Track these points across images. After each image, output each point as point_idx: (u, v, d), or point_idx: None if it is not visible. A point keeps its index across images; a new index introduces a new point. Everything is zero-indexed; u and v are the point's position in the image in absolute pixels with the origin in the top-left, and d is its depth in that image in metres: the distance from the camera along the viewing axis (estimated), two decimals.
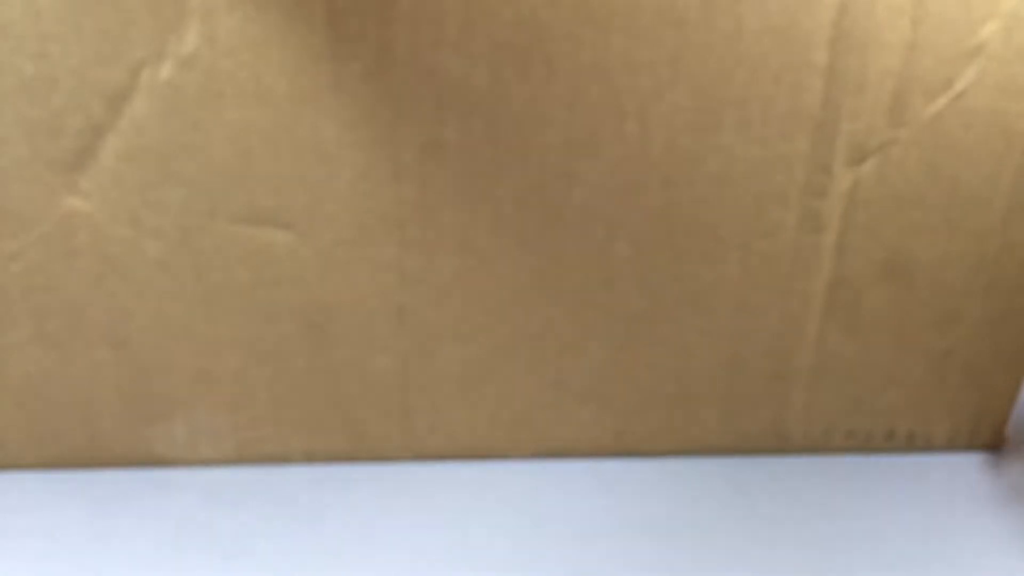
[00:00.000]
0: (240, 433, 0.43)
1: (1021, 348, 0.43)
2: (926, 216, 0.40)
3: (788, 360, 0.43)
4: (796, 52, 0.36)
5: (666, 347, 0.42)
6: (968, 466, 0.45)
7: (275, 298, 0.40)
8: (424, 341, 0.41)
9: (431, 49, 0.36)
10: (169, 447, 0.43)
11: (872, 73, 0.37)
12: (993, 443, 0.45)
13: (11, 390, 0.41)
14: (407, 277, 0.40)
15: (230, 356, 0.41)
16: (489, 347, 0.42)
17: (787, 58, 0.36)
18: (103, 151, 0.37)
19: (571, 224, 0.39)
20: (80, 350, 0.41)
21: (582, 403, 0.43)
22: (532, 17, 0.35)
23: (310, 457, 0.44)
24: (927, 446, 0.45)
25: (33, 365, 0.41)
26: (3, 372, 0.41)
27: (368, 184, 0.38)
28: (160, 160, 0.37)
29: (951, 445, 0.45)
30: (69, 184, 0.37)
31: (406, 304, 0.41)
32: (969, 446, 0.45)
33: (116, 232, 0.38)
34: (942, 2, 0.36)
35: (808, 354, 0.42)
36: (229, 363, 0.41)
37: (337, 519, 0.41)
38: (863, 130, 0.38)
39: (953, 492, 0.43)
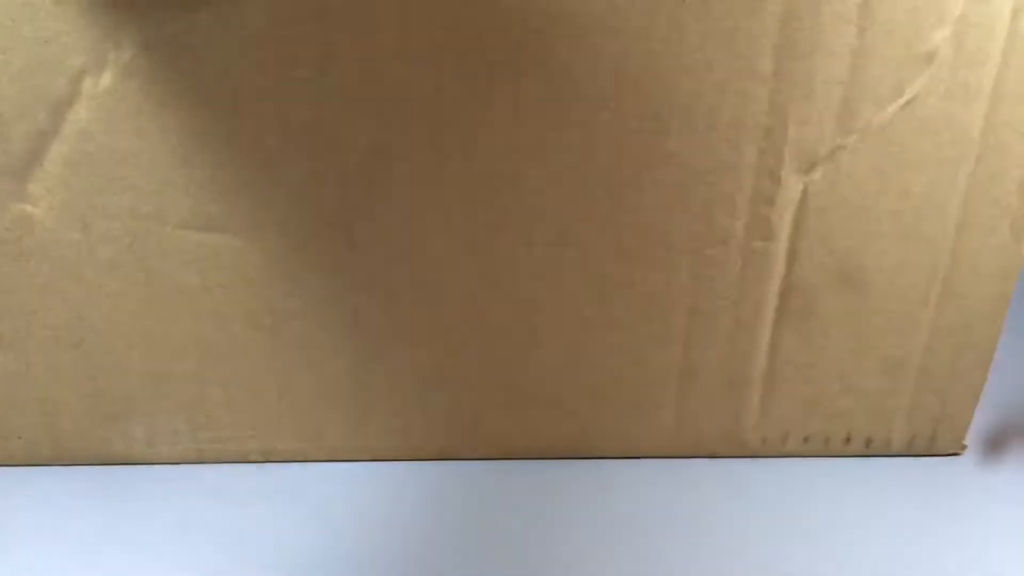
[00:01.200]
0: (198, 433, 0.44)
1: (978, 355, 0.42)
2: (879, 224, 0.39)
3: (743, 366, 0.42)
4: (740, 59, 0.36)
5: (620, 353, 0.42)
6: (927, 471, 0.44)
7: (225, 301, 0.40)
8: (378, 344, 0.42)
9: (373, 54, 0.35)
10: (128, 447, 0.44)
11: (819, 80, 0.36)
12: (952, 449, 0.45)
13: None
14: (359, 281, 0.40)
15: (184, 358, 0.41)
16: (442, 350, 0.42)
17: (731, 65, 0.36)
18: (49, 158, 0.37)
19: (520, 229, 0.39)
20: (37, 351, 0.41)
21: (536, 406, 0.43)
22: (470, 23, 0.35)
23: (267, 458, 0.44)
24: (886, 451, 0.45)
25: None
26: None
27: (315, 189, 0.38)
28: (106, 166, 0.37)
29: (910, 450, 0.45)
30: (18, 190, 0.38)
31: (360, 307, 0.41)
32: (928, 451, 0.45)
33: (66, 236, 0.39)
34: (889, 9, 0.35)
35: (763, 360, 0.42)
36: (183, 365, 0.42)
37: (295, 520, 0.42)
38: (812, 138, 0.37)
39: (912, 498, 0.43)
